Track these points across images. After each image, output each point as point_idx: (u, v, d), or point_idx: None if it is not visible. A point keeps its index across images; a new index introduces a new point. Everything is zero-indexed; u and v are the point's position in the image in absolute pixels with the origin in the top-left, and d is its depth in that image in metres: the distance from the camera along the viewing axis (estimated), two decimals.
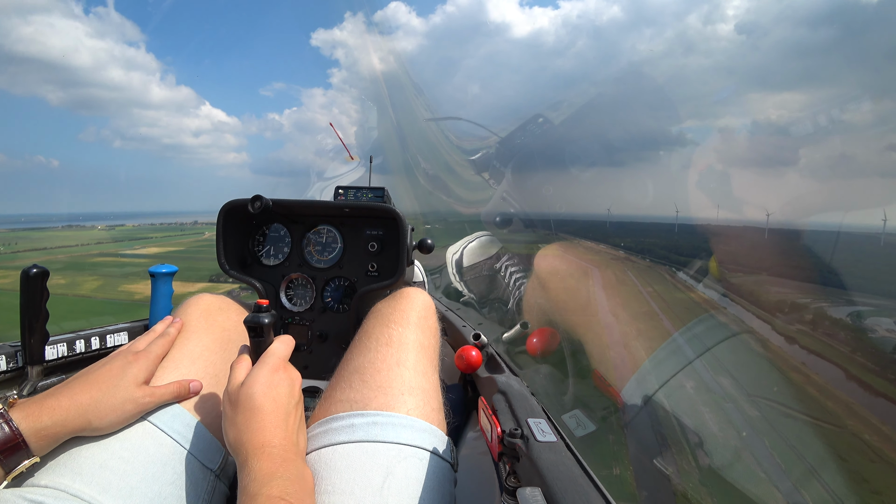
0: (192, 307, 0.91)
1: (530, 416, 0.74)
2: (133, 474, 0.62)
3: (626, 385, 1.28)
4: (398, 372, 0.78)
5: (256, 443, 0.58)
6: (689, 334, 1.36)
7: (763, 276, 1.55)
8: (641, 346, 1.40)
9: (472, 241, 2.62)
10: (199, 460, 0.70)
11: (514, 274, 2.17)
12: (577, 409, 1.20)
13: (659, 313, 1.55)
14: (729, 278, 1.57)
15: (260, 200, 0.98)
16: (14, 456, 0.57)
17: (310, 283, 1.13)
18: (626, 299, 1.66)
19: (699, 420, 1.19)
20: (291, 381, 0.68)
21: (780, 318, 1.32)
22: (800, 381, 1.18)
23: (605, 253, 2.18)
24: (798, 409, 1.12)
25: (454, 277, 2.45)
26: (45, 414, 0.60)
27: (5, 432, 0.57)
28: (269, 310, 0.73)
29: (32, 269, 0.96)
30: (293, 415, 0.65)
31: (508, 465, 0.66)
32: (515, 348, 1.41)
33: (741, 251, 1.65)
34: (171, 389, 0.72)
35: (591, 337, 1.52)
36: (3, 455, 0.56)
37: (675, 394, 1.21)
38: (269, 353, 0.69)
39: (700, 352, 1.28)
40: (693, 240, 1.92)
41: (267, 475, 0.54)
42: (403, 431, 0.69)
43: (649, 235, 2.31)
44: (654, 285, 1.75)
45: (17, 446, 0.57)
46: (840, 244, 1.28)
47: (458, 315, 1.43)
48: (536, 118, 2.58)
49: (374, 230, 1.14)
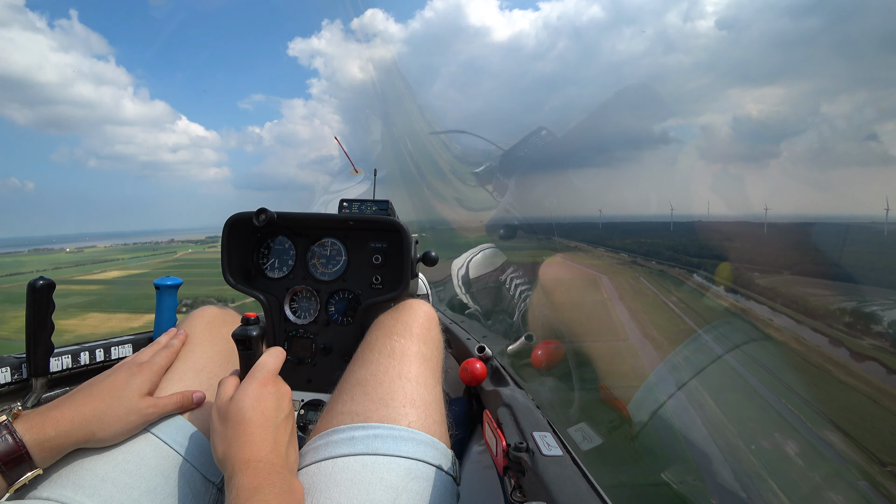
0: (196, 319, 0.91)
1: (536, 429, 0.73)
2: (135, 487, 0.62)
3: (634, 397, 1.27)
4: (400, 384, 0.77)
5: (243, 457, 0.57)
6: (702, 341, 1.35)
7: (786, 276, 1.51)
8: (655, 355, 1.38)
9: (478, 254, 2.62)
10: (202, 473, 0.70)
11: (519, 286, 2.16)
12: (583, 423, 1.18)
13: (685, 319, 1.52)
14: (756, 280, 1.53)
15: (265, 213, 0.99)
16: (17, 468, 0.57)
17: (314, 295, 1.13)
18: (644, 306, 1.64)
19: (708, 432, 1.17)
20: (280, 394, 0.67)
21: (821, 321, 1.29)
22: None
23: (608, 257, 2.17)
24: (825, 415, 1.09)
25: (460, 290, 2.44)
26: (48, 425, 0.60)
27: (9, 444, 0.57)
28: (258, 322, 0.73)
29: (39, 282, 0.96)
30: (282, 428, 0.64)
31: (514, 480, 0.65)
32: (520, 361, 1.40)
33: (750, 248, 1.63)
34: (175, 400, 0.72)
35: (597, 348, 1.51)
36: (7, 467, 0.56)
37: (683, 405, 1.19)
38: (257, 367, 0.69)
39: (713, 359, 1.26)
40: (695, 238, 1.91)
41: (251, 489, 0.53)
42: (405, 444, 0.68)
43: (645, 235, 2.31)
44: (676, 292, 1.73)
45: (21, 458, 0.57)
46: (849, 237, 1.26)
47: (462, 328, 1.43)
48: (540, 130, 2.59)
49: (379, 243, 1.14)
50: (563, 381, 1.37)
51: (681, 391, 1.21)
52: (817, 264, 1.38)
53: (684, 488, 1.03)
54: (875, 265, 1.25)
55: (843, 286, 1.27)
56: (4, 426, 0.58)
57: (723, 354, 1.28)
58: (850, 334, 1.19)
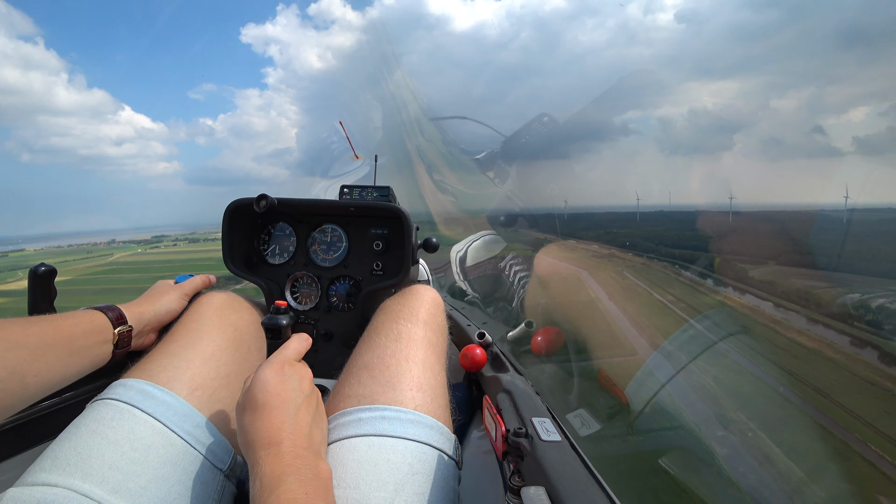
0: (203, 306, 0.91)
1: (535, 415, 0.74)
2: (142, 474, 0.63)
3: (631, 383, 1.28)
4: (407, 367, 0.77)
5: (263, 441, 0.57)
6: (696, 329, 1.36)
7: (771, 265, 1.52)
8: (647, 343, 1.39)
9: (477, 240, 2.62)
10: (209, 460, 0.70)
11: (519, 273, 2.16)
12: (581, 409, 1.19)
13: (674, 310, 1.53)
14: (746, 271, 1.54)
15: (265, 199, 0.99)
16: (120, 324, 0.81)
17: (315, 282, 1.14)
18: (632, 298, 1.65)
19: (705, 418, 1.18)
20: (300, 375, 0.67)
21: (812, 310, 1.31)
22: None
23: (582, 249, 2.17)
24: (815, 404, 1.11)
25: (458, 276, 2.44)
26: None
27: (117, 311, 0.82)
28: (288, 311, 0.73)
29: (41, 268, 0.96)
30: (304, 409, 0.63)
31: (513, 465, 0.66)
32: (520, 347, 1.41)
33: (727, 238, 1.64)
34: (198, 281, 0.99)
35: (596, 335, 1.52)
36: (116, 322, 0.80)
37: (681, 391, 1.20)
38: (278, 351, 0.69)
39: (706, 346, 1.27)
40: (669, 228, 1.92)
41: (275, 479, 0.52)
42: (411, 427, 0.69)
43: (613, 226, 2.31)
44: (670, 288, 1.73)
45: (122, 318, 0.81)
46: (814, 225, 1.28)
47: (462, 314, 1.43)
48: (542, 117, 2.57)
49: (380, 229, 1.14)
50: (562, 367, 1.38)
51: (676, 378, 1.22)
52: (795, 253, 1.40)
53: (681, 473, 1.05)
54: (842, 252, 1.28)
55: (820, 274, 1.29)
56: (109, 306, 0.81)
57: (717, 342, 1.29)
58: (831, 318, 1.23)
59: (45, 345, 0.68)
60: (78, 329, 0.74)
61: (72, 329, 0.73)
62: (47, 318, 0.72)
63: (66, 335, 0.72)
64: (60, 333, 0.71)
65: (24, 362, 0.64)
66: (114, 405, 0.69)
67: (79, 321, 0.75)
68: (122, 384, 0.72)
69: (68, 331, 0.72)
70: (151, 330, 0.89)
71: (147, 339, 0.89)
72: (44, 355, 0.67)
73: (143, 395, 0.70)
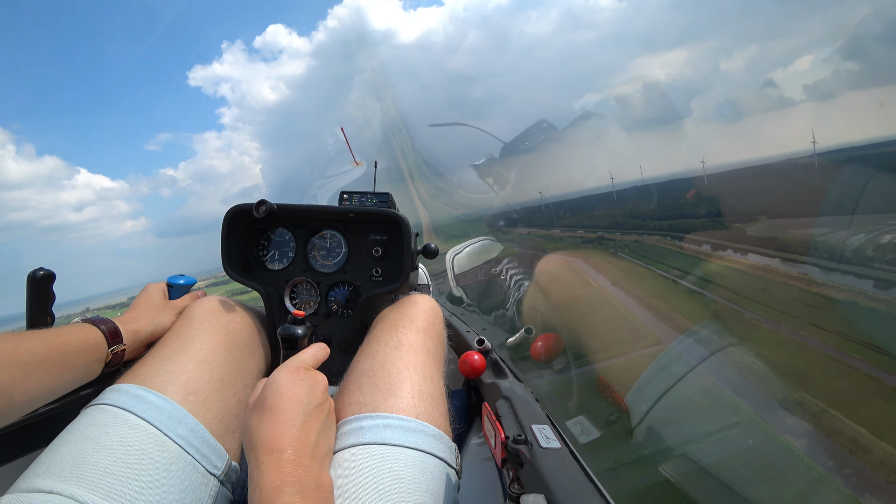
0: (195, 310, 0.91)
1: (534, 422, 0.74)
2: (137, 480, 0.62)
3: (631, 390, 1.27)
4: (408, 375, 0.77)
5: (266, 446, 0.56)
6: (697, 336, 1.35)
7: (764, 220, 1.50)
8: (671, 329, 1.38)
9: (474, 245, 2.61)
10: (203, 465, 0.70)
11: (517, 279, 2.16)
12: (581, 416, 1.19)
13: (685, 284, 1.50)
14: (743, 230, 1.52)
15: (264, 205, 0.99)
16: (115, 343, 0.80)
17: (314, 287, 1.13)
18: (637, 281, 1.63)
19: (706, 425, 1.17)
20: (313, 382, 0.66)
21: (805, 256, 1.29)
22: None
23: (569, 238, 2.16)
24: None
25: (453, 283, 2.44)
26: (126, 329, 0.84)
27: (111, 325, 0.81)
28: (304, 322, 0.73)
29: (39, 272, 0.96)
30: (314, 416, 0.62)
31: (512, 472, 0.65)
32: (519, 354, 1.40)
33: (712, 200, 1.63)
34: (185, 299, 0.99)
35: (603, 333, 1.51)
36: (112, 339, 0.80)
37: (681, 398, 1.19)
38: (294, 357, 0.69)
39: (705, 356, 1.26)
40: (649, 202, 1.91)
41: (275, 489, 0.51)
42: (413, 435, 0.68)
43: (593, 210, 2.31)
44: (671, 261, 1.72)
45: (117, 333, 0.81)
46: (788, 175, 1.28)
47: (461, 320, 1.43)
48: (541, 123, 2.58)
49: (379, 235, 1.14)
50: (561, 373, 1.38)
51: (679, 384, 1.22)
52: (784, 204, 1.39)
53: (681, 481, 1.04)
54: (829, 196, 1.27)
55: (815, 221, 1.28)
56: (104, 320, 0.81)
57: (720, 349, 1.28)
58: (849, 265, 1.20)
59: (35, 362, 0.67)
60: (71, 346, 0.73)
61: (65, 346, 0.72)
62: (40, 334, 0.71)
63: (58, 352, 0.71)
64: (53, 350, 0.70)
65: (12, 380, 0.64)
66: (108, 410, 0.68)
67: (73, 337, 0.74)
68: (116, 389, 0.72)
69: (61, 348, 0.72)
70: (143, 346, 0.89)
71: (137, 353, 0.88)
72: (34, 372, 0.67)
73: (137, 399, 0.70)
